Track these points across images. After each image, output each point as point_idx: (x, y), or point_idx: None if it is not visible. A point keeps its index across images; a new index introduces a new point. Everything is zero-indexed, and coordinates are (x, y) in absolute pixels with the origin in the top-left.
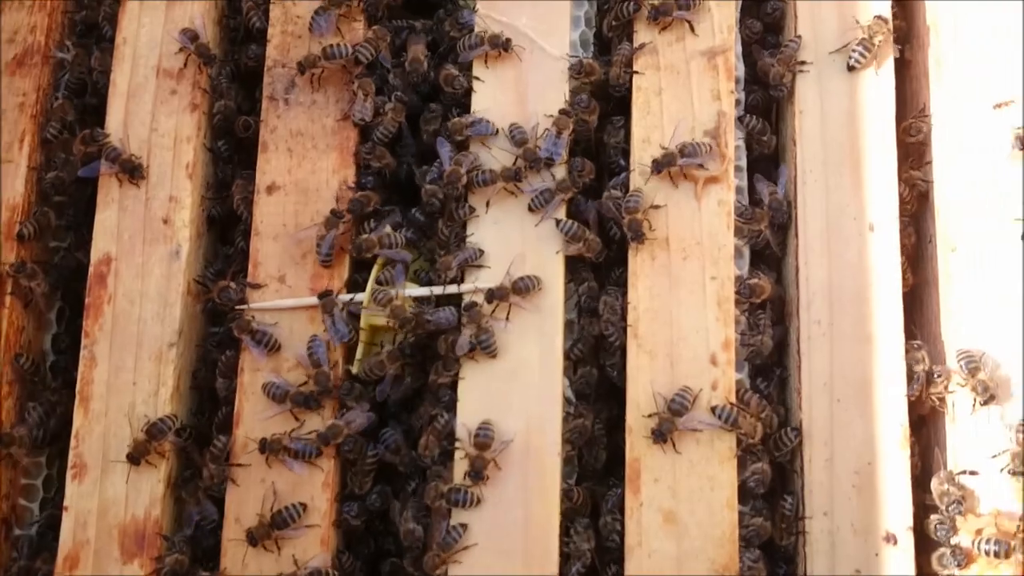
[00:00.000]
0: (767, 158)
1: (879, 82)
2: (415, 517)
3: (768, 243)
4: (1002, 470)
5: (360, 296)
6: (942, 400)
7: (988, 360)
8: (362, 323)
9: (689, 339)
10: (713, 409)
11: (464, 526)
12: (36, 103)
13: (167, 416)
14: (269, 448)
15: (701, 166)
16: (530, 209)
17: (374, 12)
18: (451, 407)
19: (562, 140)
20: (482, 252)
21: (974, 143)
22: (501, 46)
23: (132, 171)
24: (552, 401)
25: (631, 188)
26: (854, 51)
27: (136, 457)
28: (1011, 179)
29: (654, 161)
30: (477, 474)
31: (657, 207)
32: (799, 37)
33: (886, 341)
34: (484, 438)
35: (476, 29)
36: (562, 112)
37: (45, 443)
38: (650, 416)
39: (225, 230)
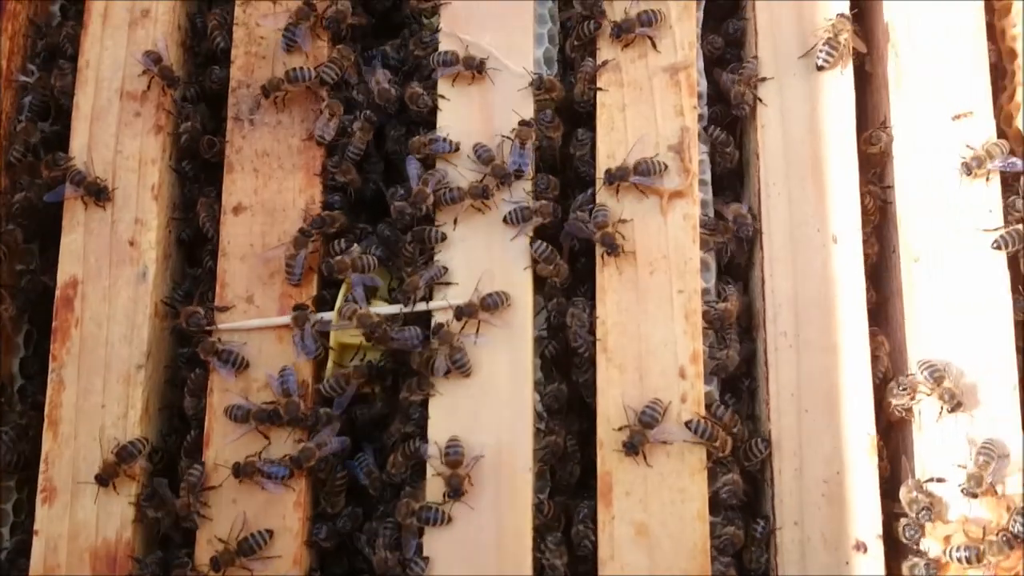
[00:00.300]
0: (731, 173)
1: (839, 95)
2: (387, 545)
3: (734, 255)
4: (960, 487)
5: (330, 315)
6: (908, 410)
7: (952, 368)
8: (331, 341)
9: (657, 352)
10: (688, 423)
11: (426, 559)
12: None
13: (138, 439)
14: (243, 472)
15: (652, 185)
16: (505, 221)
17: (336, 30)
18: (422, 425)
19: (527, 150)
20: (446, 269)
21: (935, 153)
22: (475, 68)
23: (97, 194)
24: (523, 417)
25: (597, 203)
26: (821, 51)
27: (104, 478)
28: (972, 188)
29: (607, 172)
30: (455, 491)
31: (624, 221)
32: (755, 57)
33: (852, 351)
34: (455, 455)
35: (442, 47)
36: (522, 123)
37: (20, 468)
38: (621, 429)
39: (193, 251)
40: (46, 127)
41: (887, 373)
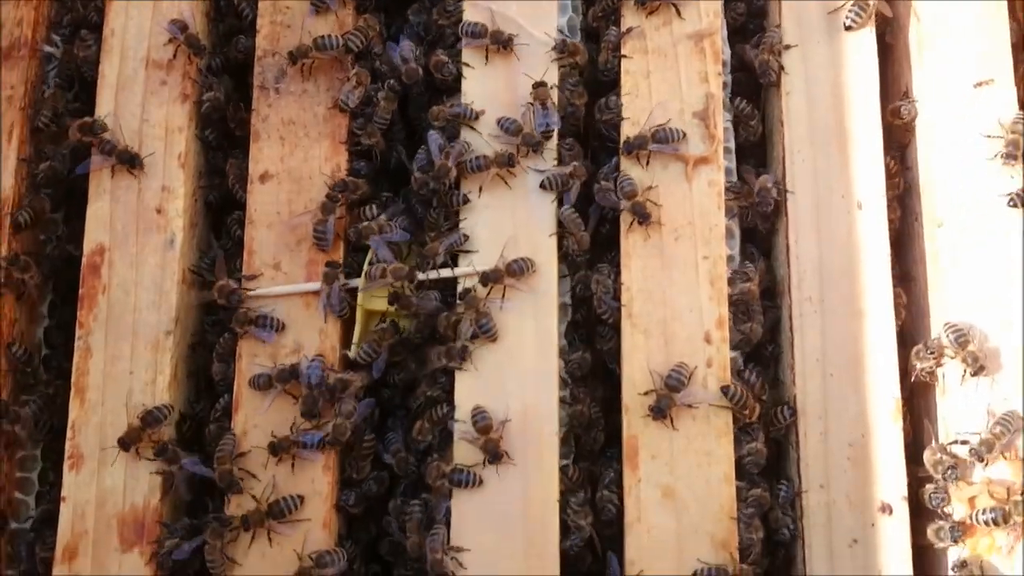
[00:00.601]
0: (753, 145)
1: (863, 61)
2: (419, 527)
3: (757, 223)
4: (970, 449)
5: (357, 281)
6: (932, 374)
7: (976, 332)
8: (358, 309)
9: (683, 318)
10: (723, 389)
11: (443, 530)
12: (24, 96)
13: (164, 405)
14: (280, 449)
15: (675, 152)
16: (542, 187)
17: (362, 1)
18: (448, 389)
19: (550, 109)
20: (467, 237)
21: (956, 121)
22: (502, 43)
23: (131, 160)
24: (548, 382)
25: (621, 172)
26: (850, 12)
27: (127, 443)
28: (994, 154)
29: (625, 142)
30: (494, 456)
31: (650, 188)
32: (779, 26)
33: (877, 316)
34: (483, 422)
35: (470, 18)
36: (537, 85)
37: (48, 434)
38: (646, 393)
39: (219, 219)
40: (70, 98)
41: (904, 326)
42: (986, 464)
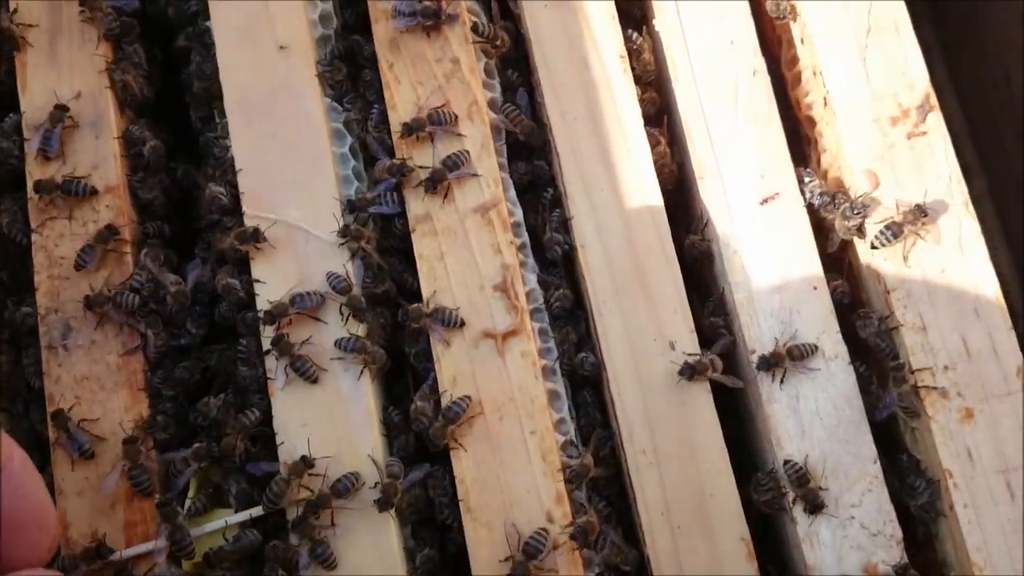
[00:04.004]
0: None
1: (647, 199)
2: None
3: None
4: None
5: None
6: (779, 504)
7: (817, 465)
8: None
9: (522, 501)
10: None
11: None
12: None
13: None
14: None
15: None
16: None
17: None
18: None
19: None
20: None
21: (752, 235)
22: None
23: None
24: None
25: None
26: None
27: None
28: (800, 271)
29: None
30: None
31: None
32: (560, 209)
33: (709, 456)
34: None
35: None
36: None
37: None
38: (506, 560)
39: None
40: None
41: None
42: None
